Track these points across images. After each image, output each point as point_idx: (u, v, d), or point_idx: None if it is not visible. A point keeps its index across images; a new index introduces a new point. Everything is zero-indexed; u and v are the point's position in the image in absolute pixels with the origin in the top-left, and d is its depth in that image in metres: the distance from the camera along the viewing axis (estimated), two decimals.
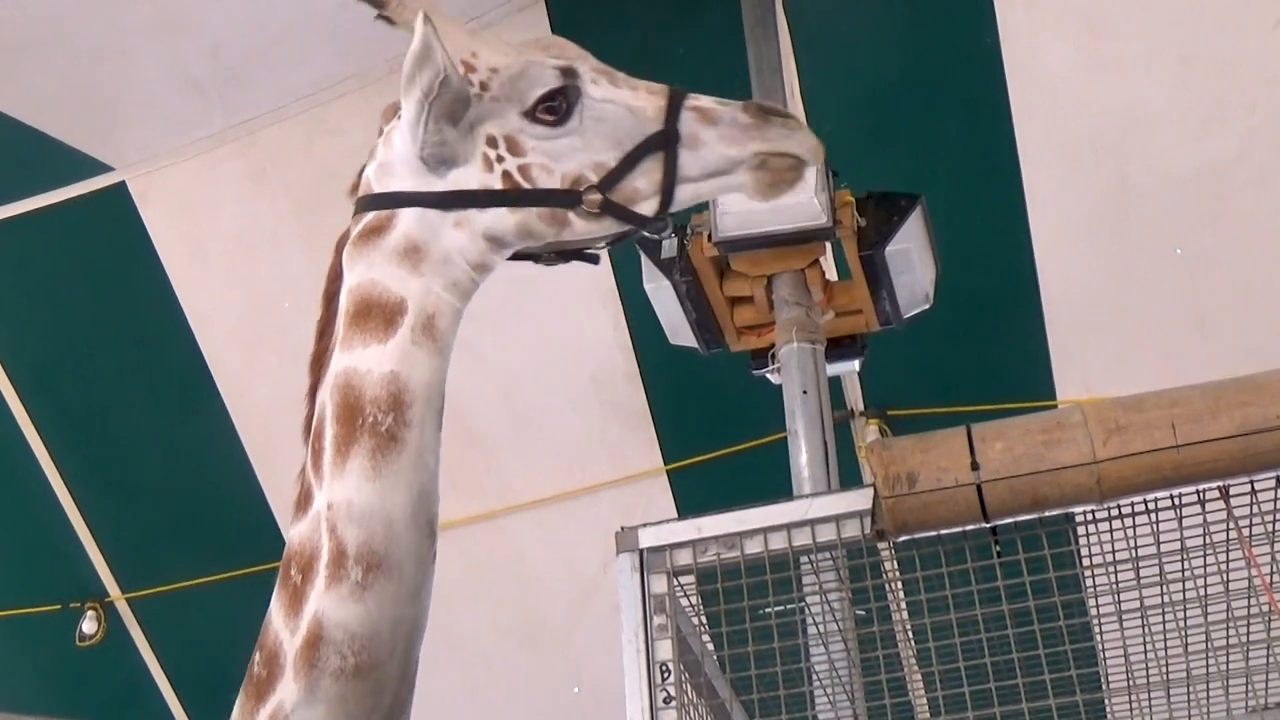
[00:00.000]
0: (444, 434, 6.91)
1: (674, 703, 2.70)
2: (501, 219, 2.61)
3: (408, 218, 2.61)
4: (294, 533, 2.50)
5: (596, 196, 2.58)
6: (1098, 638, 3.04)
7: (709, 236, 4.96)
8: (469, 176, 2.61)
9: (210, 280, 6.66)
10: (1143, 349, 6.23)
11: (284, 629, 2.44)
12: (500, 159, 2.60)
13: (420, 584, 2.41)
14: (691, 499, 6.72)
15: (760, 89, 5.52)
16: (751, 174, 2.66)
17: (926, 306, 5.27)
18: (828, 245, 5.12)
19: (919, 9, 6.00)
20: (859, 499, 2.76)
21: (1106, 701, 3.16)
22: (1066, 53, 5.86)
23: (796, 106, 5.87)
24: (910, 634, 2.89)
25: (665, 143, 2.60)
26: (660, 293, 5.23)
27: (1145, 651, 2.93)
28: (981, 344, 6.37)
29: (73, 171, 6.31)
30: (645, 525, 2.86)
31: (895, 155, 6.02)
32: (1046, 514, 2.65)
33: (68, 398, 7.04)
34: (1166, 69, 5.81)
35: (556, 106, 2.60)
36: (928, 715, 2.74)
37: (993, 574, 2.75)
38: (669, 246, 5.16)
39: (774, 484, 4.98)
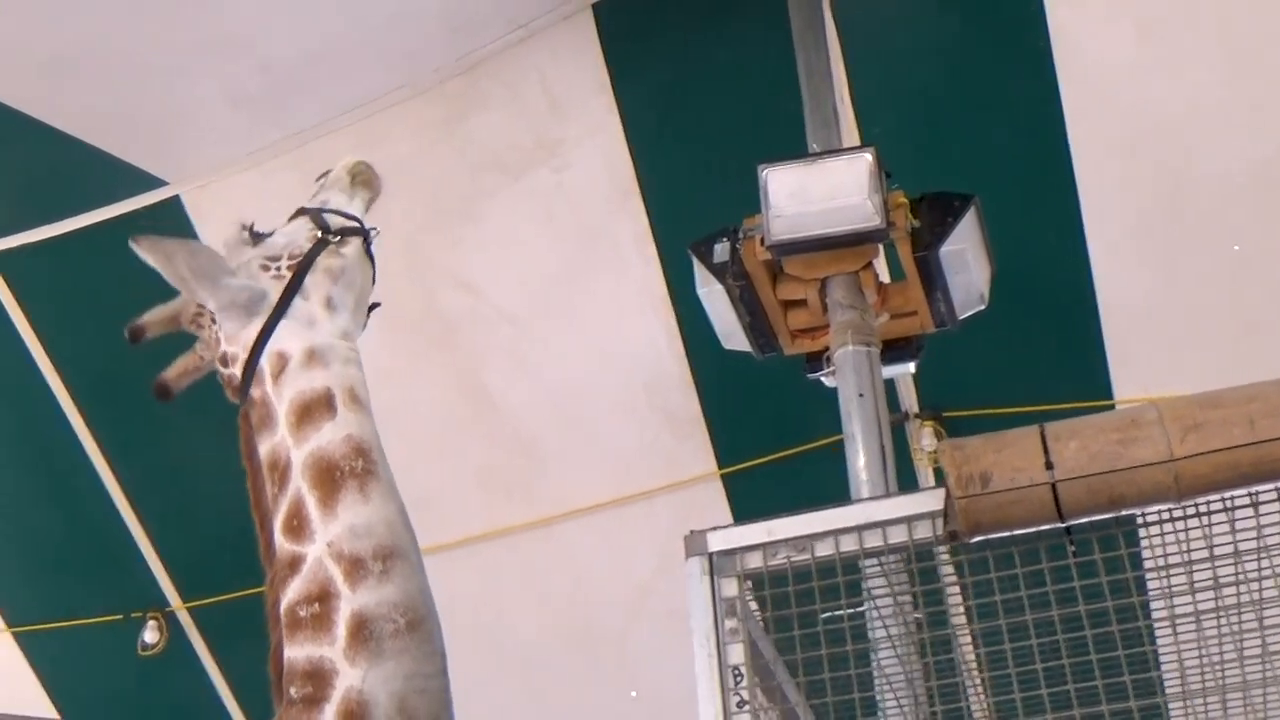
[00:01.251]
0: (499, 441, 6.95)
1: (747, 707, 2.69)
2: (320, 282, 3.39)
3: (286, 341, 3.30)
4: (289, 594, 2.94)
5: (334, 234, 3.54)
6: (1163, 640, 3.01)
7: (762, 240, 4.95)
8: (275, 292, 3.40)
9: None
10: (1201, 347, 6.18)
11: (317, 649, 2.82)
12: (276, 264, 3.47)
13: (420, 559, 2.98)
14: (746, 504, 6.72)
15: (810, 94, 5.51)
16: (360, 187, 3.79)
17: (982, 307, 5.24)
18: (881, 247, 5.11)
19: (969, 10, 5.97)
20: (930, 500, 2.74)
21: (1183, 704, 3.13)
22: (1118, 52, 5.82)
23: (846, 111, 5.86)
24: (979, 637, 2.87)
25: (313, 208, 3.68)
26: (713, 297, 5.23)
27: (1221, 652, 2.90)
28: (1037, 344, 6.32)
29: (128, 186, 6.38)
30: (715, 529, 2.86)
31: (948, 157, 5.99)
32: (1122, 513, 2.62)
33: (126, 410, 7.09)
34: (1220, 67, 5.76)
35: (250, 225, 3.68)
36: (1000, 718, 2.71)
37: (1066, 575, 2.73)
38: (721, 251, 5.16)
39: (829, 488, 4.97)
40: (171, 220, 6.48)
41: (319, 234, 3.54)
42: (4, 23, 5.43)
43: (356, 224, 3.62)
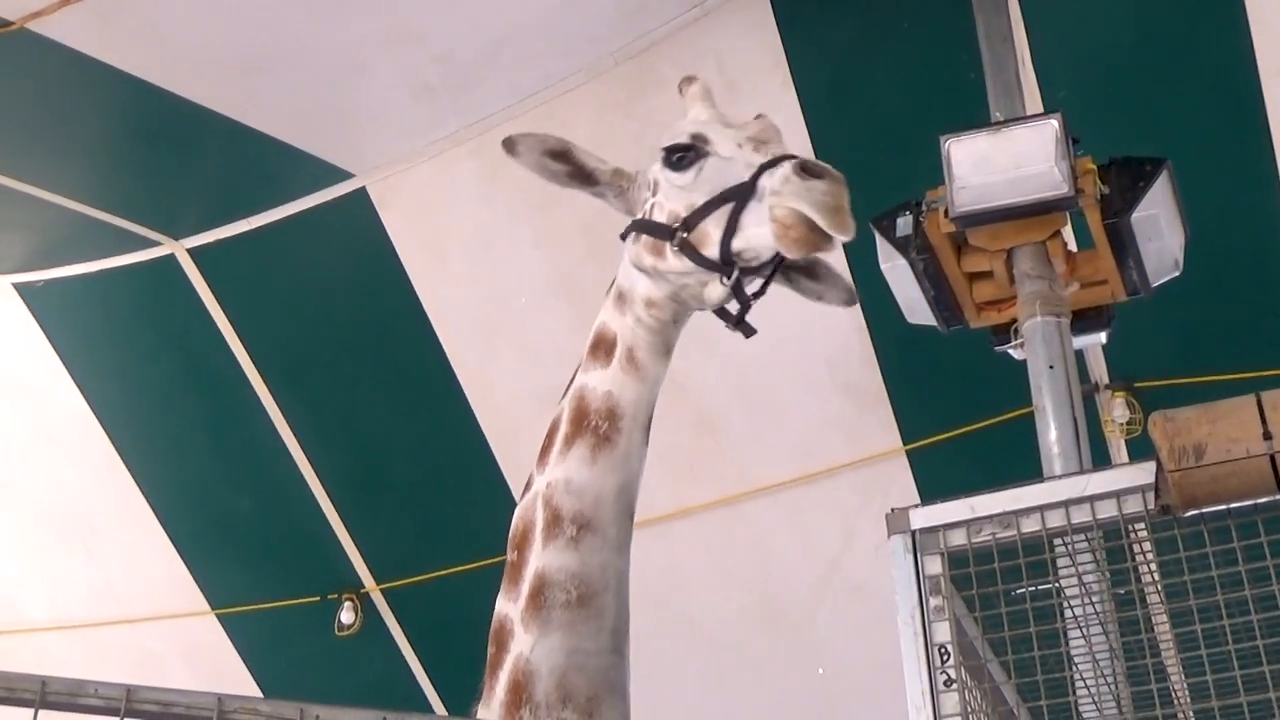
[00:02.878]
0: (682, 420, 6.95)
1: (955, 685, 2.66)
2: (637, 245, 3.01)
3: (621, 268, 3.10)
4: (515, 515, 2.97)
5: (681, 235, 2.90)
6: None
7: (945, 212, 4.88)
8: (637, 215, 3.08)
9: (448, 278, 6.84)
10: None
11: (506, 604, 2.85)
12: (646, 201, 3.05)
13: (622, 542, 2.92)
14: (931, 480, 6.64)
15: (991, 60, 5.42)
16: (773, 225, 2.78)
17: (1176, 274, 5.10)
18: (1068, 215, 5.00)
19: None
20: (1140, 474, 2.68)
21: None
22: None
23: (1028, 75, 5.73)
24: (1195, 613, 2.79)
25: (739, 194, 2.85)
26: (897, 271, 5.17)
27: None
28: (1234, 310, 6.12)
29: (316, 180, 6.57)
30: (917, 506, 2.83)
31: (1136, 119, 5.82)
32: None
33: (319, 398, 7.33)
34: None
35: (682, 158, 2.97)
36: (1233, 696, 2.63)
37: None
38: (904, 224, 5.10)
39: (1018, 462, 4.88)
40: (357, 211, 6.64)
41: (682, 217, 3.06)
42: (198, 31, 5.65)
43: (712, 256, 2.97)
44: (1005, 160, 4.77)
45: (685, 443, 6.89)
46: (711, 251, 2.86)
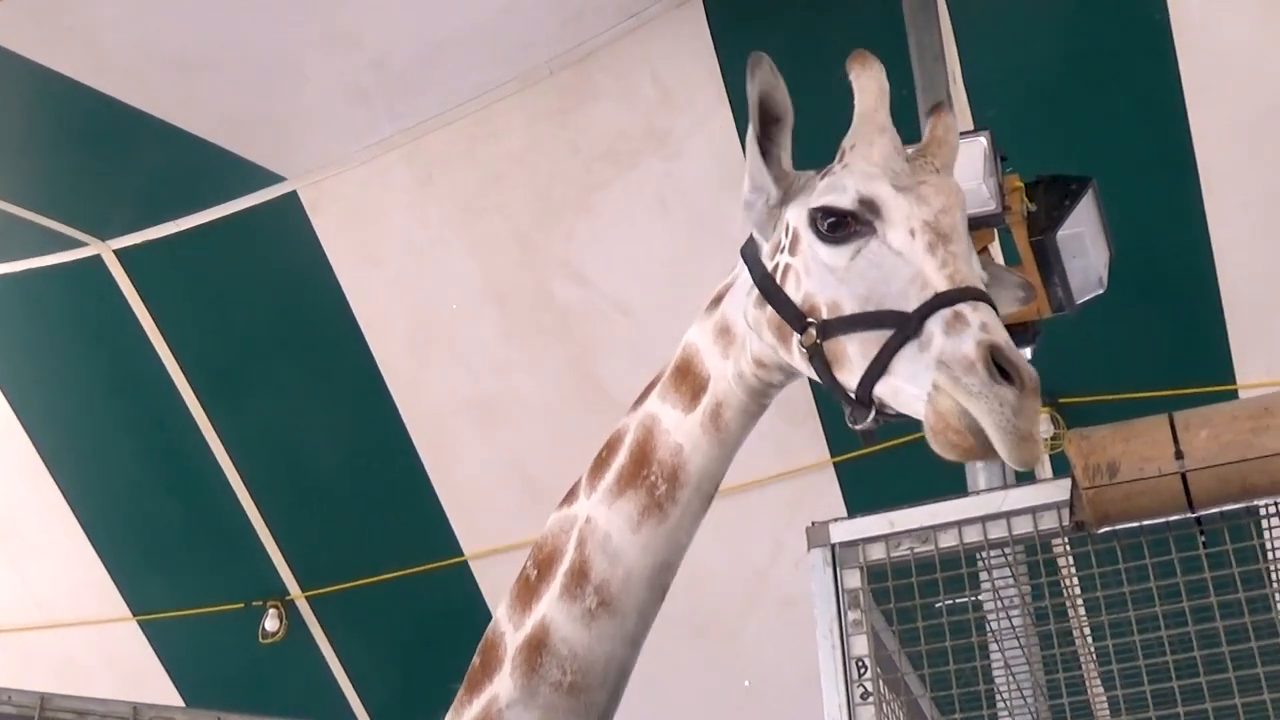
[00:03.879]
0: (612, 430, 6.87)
1: (871, 698, 2.68)
2: (760, 311, 2.48)
3: (732, 295, 2.59)
4: (550, 519, 2.62)
5: (813, 336, 2.36)
6: None
7: None
8: (765, 254, 2.53)
9: (379, 285, 6.80)
10: None
11: (508, 623, 2.59)
12: (782, 249, 2.48)
13: (638, 634, 2.55)
14: (859, 492, 6.68)
15: (923, 77, 5.45)
16: (931, 412, 2.19)
17: (1100, 291, 5.15)
18: (996, 231, 5.04)
19: None
20: (1056, 490, 2.71)
21: None
22: (1241, 25, 5.69)
23: (959, 93, 5.78)
24: (1108, 629, 2.83)
25: (900, 325, 2.26)
26: None
27: None
28: (1157, 328, 6.20)
29: (246, 183, 6.50)
30: (837, 520, 2.85)
31: (1063, 138, 5.90)
32: (1255, 503, 2.58)
33: (246, 403, 7.26)
34: None
35: (838, 224, 2.39)
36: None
37: (1195, 566, 2.68)
38: None
39: (944, 476, 4.89)
40: (288, 215, 6.59)
41: (822, 317, 2.46)
42: (130, 31, 5.59)
43: (846, 384, 2.41)
44: None
45: None
46: (848, 380, 2.34)
